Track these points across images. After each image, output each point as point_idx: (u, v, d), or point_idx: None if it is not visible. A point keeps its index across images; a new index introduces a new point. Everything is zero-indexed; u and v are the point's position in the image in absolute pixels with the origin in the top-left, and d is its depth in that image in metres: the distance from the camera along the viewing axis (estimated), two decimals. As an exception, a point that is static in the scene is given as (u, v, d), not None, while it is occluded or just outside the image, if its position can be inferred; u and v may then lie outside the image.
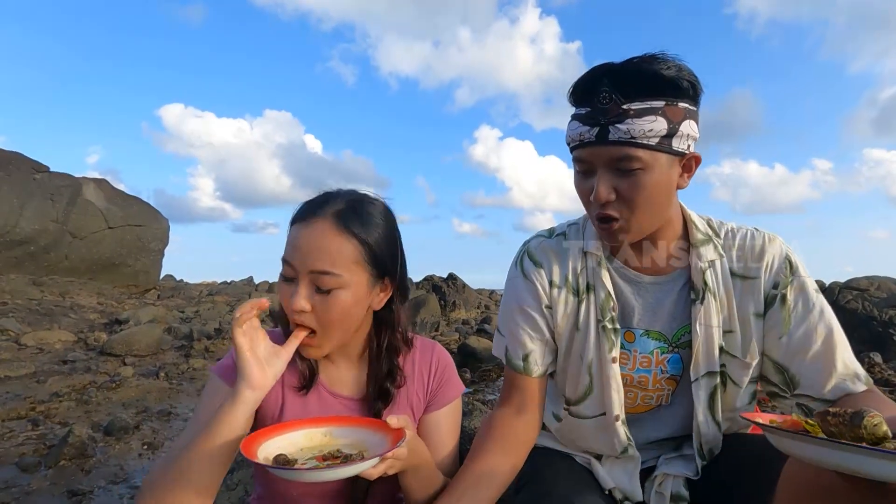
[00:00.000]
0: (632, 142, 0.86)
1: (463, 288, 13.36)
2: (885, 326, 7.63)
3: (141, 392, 4.02)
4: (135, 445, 3.06)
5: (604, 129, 0.87)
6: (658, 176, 0.88)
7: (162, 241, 12.25)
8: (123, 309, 8.48)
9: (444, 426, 1.00)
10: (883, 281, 8.32)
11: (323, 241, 0.83)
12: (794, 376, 0.94)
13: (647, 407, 1.06)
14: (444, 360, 1.03)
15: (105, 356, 5.10)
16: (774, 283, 0.96)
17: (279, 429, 0.81)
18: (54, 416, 3.45)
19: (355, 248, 0.85)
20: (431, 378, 1.01)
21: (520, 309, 1.05)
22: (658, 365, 1.02)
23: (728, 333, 0.98)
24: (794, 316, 0.94)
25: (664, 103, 0.86)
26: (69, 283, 9.82)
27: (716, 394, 0.98)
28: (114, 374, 4.41)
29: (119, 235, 11.08)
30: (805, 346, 0.92)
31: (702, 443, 1.00)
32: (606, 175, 0.89)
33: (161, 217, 12.46)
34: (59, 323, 6.86)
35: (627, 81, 0.86)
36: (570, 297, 1.03)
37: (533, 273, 1.05)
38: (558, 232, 1.09)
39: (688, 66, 0.89)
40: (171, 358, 5.34)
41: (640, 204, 0.89)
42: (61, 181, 10.59)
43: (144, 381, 4.30)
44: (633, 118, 0.85)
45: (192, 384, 4.41)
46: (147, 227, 11.76)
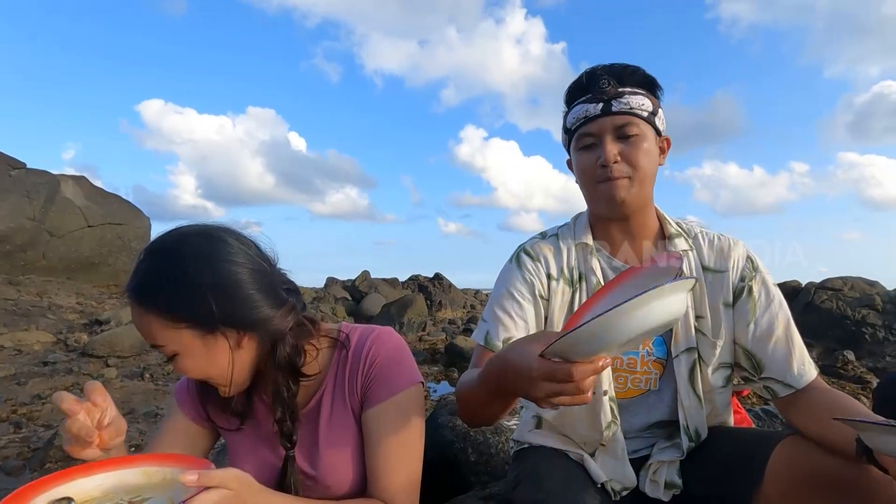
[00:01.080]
0: (631, 112, 1.07)
1: (449, 288, 13.40)
2: (858, 325, 7.89)
3: (126, 394, 3.97)
4: (122, 447, 3.03)
5: (607, 104, 1.07)
6: (650, 145, 1.08)
7: (143, 240, 12.03)
8: (104, 309, 8.31)
9: (382, 426, 0.87)
10: (856, 281, 8.61)
11: (140, 324, 0.78)
12: (760, 360, 1.04)
13: (637, 391, 1.13)
14: (381, 350, 0.90)
15: (87, 357, 5.01)
16: (741, 276, 1.09)
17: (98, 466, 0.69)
18: (37, 418, 3.39)
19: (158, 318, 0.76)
20: (370, 366, 0.89)
21: (509, 294, 1.12)
22: (644, 347, 1.12)
23: (700, 318, 1.09)
24: (759, 305, 1.06)
25: (646, 92, 1.10)
26: (47, 282, 9.59)
27: (695, 369, 1.08)
28: (97, 376, 4.35)
29: (99, 234, 10.84)
30: (769, 332, 1.04)
31: (687, 421, 1.07)
32: (611, 141, 1.07)
33: (142, 215, 12.24)
34: (36, 324, 6.70)
35: (622, 74, 1.09)
36: (566, 288, 1.13)
37: (530, 265, 1.14)
38: (551, 234, 1.20)
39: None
40: (155, 359, 5.27)
41: (642, 165, 1.07)
42: (38, 178, 10.33)
43: (129, 382, 4.24)
44: (629, 95, 1.07)
45: (177, 385, 4.38)
46: (128, 226, 11.54)
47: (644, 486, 1.07)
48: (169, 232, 0.82)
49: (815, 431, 0.93)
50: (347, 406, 0.90)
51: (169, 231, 0.82)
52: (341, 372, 0.91)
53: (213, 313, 0.77)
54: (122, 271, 11.22)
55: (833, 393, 0.98)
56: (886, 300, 8.16)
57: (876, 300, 8.14)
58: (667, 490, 1.05)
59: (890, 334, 7.65)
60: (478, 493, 1.39)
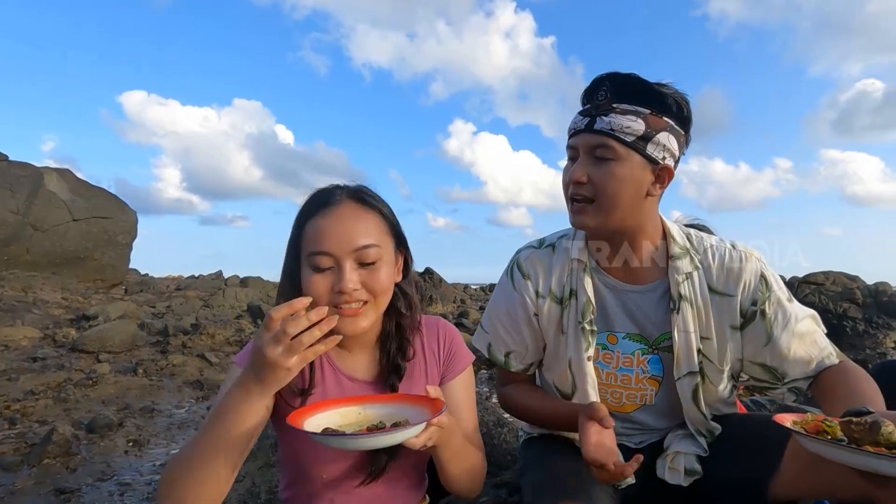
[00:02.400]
0: (610, 133, 0.99)
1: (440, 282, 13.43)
2: (840, 319, 8.10)
3: (120, 389, 3.95)
4: (120, 443, 3.02)
5: (592, 120, 1.01)
6: (628, 172, 0.99)
7: (129, 234, 11.85)
8: (90, 304, 8.20)
9: (461, 394, 1.04)
10: (837, 276, 8.83)
11: (355, 220, 0.89)
12: (783, 373, 1.05)
13: (633, 406, 1.16)
14: (450, 332, 1.07)
15: (77, 353, 4.95)
16: (753, 300, 1.05)
17: (316, 408, 0.84)
18: (31, 414, 3.36)
19: (380, 219, 0.93)
20: (441, 350, 1.04)
21: (507, 314, 1.17)
22: (639, 365, 1.12)
23: (705, 340, 1.08)
24: (776, 326, 1.04)
25: (649, 111, 0.99)
26: (31, 277, 9.42)
27: (698, 390, 1.09)
28: (89, 372, 4.30)
29: (84, 228, 10.67)
30: (789, 347, 1.04)
31: (697, 427, 1.11)
32: (585, 160, 1.02)
33: (128, 209, 12.05)
34: (22, 319, 6.59)
35: (623, 85, 1.00)
36: (553, 306, 1.13)
37: (521, 285, 1.15)
38: (548, 243, 1.18)
39: (686, 98, 1.03)
40: (148, 354, 5.23)
41: (608, 192, 1.00)
42: (21, 171, 10.12)
43: (122, 377, 4.21)
44: (617, 114, 0.98)
45: (172, 380, 4.35)
46: (114, 220, 11.36)
47: (663, 474, 1.09)
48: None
49: (822, 410, 0.98)
50: (426, 376, 1.03)
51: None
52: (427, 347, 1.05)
53: (402, 234, 0.97)
54: (108, 266, 11.05)
55: (849, 376, 0.99)
56: (866, 294, 8.38)
57: (857, 294, 8.35)
58: (687, 477, 1.07)
59: (870, 327, 7.87)
60: (489, 480, 1.43)
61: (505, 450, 1.83)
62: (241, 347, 5.98)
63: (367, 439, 0.72)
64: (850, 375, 0.99)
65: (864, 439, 0.68)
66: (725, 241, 1.12)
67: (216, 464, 0.77)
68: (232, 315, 8.40)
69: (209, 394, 4.16)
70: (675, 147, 1.02)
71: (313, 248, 0.88)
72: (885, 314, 8.01)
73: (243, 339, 6.01)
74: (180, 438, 3.20)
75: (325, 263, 0.87)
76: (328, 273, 0.88)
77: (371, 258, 0.89)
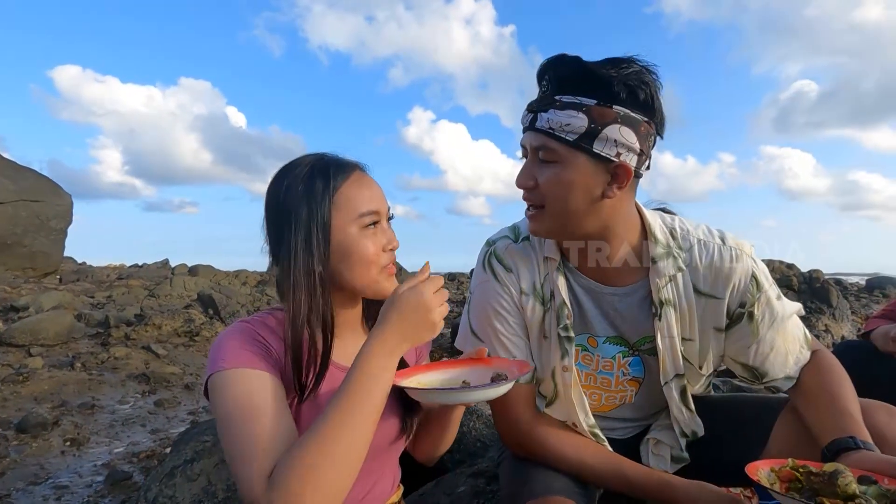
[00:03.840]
0: (551, 132, 0.88)
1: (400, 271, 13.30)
2: (778, 304, 8.66)
3: (55, 385, 3.65)
4: (55, 442, 2.79)
5: (535, 117, 0.91)
6: (575, 175, 0.88)
7: (64, 219, 11.01)
8: (20, 294, 7.57)
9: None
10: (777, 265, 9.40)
11: (376, 185, 0.93)
12: (763, 372, 1.02)
13: (611, 406, 1.13)
14: None
15: (5, 346, 4.54)
16: (741, 302, 0.98)
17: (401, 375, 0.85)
18: (-46, 413, 3.05)
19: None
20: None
21: (496, 313, 1.03)
22: (620, 368, 1.07)
23: (687, 341, 1.02)
24: (762, 327, 0.99)
25: (595, 102, 0.86)
26: (-50, 265, 8.61)
27: (686, 391, 1.05)
28: (19, 367, 3.96)
29: (11, 212, 9.81)
30: (772, 347, 1.00)
31: (682, 428, 1.08)
32: (531, 162, 0.94)
33: (62, 192, 11.18)
34: (-59, 310, 6.02)
35: (564, 74, 0.88)
36: (538, 306, 1.03)
37: (505, 277, 1.03)
38: (523, 236, 1.07)
39: (647, 76, 0.88)
40: (86, 347, 4.88)
41: (554, 198, 0.91)
42: (-64, 148, 9.17)
43: (58, 372, 3.90)
44: (557, 109, 0.87)
45: (115, 374, 4.07)
46: (46, 203, 10.51)
47: (647, 460, 1.07)
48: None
49: (803, 415, 0.97)
50: (412, 357, 1.04)
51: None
52: None
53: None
54: (40, 253, 10.23)
55: (825, 378, 0.97)
56: (802, 281, 8.96)
57: (794, 281, 8.91)
58: (674, 463, 1.06)
59: (808, 313, 8.44)
60: (466, 470, 1.39)
61: (475, 437, 1.80)
62: (192, 338, 5.66)
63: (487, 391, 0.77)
64: (825, 377, 0.98)
65: (824, 490, 0.72)
66: (714, 235, 1.02)
67: (363, 435, 0.73)
68: (180, 305, 7.98)
69: (156, 387, 3.92)
70: (633, 139, 0.88)
71: (363, 209, 0.87)
72: (818, 300, 8.60)
73: (193, 330, 5.71)
74: (125, 436, 2.99)
75: (374, 219, 0.88)
76: (377, 228, 0.89)
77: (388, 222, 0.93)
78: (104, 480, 2.39)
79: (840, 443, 0.84)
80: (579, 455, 0.99)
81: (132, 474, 2.45)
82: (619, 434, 1.16)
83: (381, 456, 0.92)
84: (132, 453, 2.72)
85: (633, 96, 0.87)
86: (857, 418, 0.89)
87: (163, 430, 3.11)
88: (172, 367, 4.42)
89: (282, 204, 0.86)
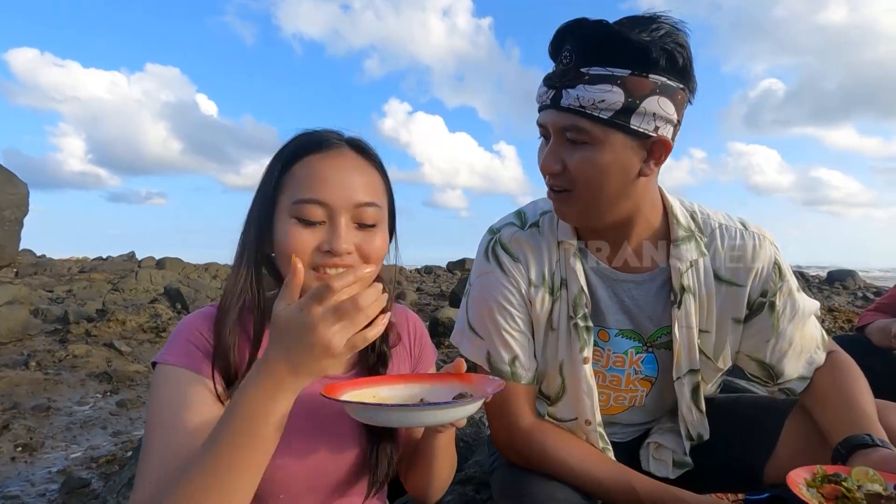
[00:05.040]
0: (581, 111, 0.79)
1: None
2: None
3: (7, 385, 3.41)
4: (5, 448, 2.59)
5: (558, 93, 0.81)
6: (610, 156, 0.81)
7: (20, 209, 10.40)
8: (-29, 289, 7.15)
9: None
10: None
11: (357, 170, 0.75)
12: (779, 371, 0.96)
13: (620, 408, 1.05)
14: (420, 325, 0.96)
15: (-48, 345, 4.26)
16: (763, 290, 0.93)
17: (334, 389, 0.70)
18: None
19: (381, 177, 0.79)
20: (413, 343, 0.94)
21: (501, 307, 0.94)
22: (632, 365, 1.00)
23: (703, 333, 0.96)
24: (783, 320, 0.94)
25: (629, 73, 0.77)
26: None
27: (698, 388, 0.99)
28: (-33, 366, 3.70)
29: (-39, 201, 9.25)
30: (790, 343, 0.95)
31: (689, 430, 1.02)
32: (557, 144, 0.84)
33: (18, 181, 10.55)
34: None
35: (591, 42, 0.78)
36: (547, 297, 0.95)
37: (512, 268, 0.95)
38: (531, 222, 0.99)
39: (681, 37, 0.80)
40: (43, 344, 4.61)
41: (586, 183, 0.83)
42: None
43: (10, 372, 3.65)
44: (586, 84, 0.78)
45: (73, 373, 3.84)
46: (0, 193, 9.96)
47: (647, 465, 1.02)
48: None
49: (815, 416, 0.93)
50: (398, 369, 0.90)
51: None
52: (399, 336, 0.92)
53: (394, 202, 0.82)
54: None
55: (839, 379, 0.93)
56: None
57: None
58: (675, 468, 1.01)
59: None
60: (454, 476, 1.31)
61: (457, 437, 1.72)
62: (158, 334, 5.42)
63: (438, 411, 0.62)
64: (840, 377, 0.93)
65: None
66: (734, 220, 0.98)
67: (237, 483, 0.60)
68: (146, 299, 7.68)
69: (119, 387, 3.72)
70: (671, 110, 0.80)
71: (303, 195, 0.71)
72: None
73: (160, 325, 5.47)
74: (83, 440, 2.81)
75: (315, 215, 0.71)
76: (317, 228, 0.72)
77: (370, 219, 0.74)
78: (59, 489, 2.22)
79: (855, 439, 0.80)
80: (584, 465, 0.91)
81: (90, 481, 2.28)
82: (619, 437, 1.09)
83: (348, 495, 0.81)
84: (91, 458, 2.54)
85: (672, 62, 0.78)
86: (873, 417, 0.85)
87: (125, 432, 2.93)
88: (137, 364, 4.20)
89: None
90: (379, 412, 0.63)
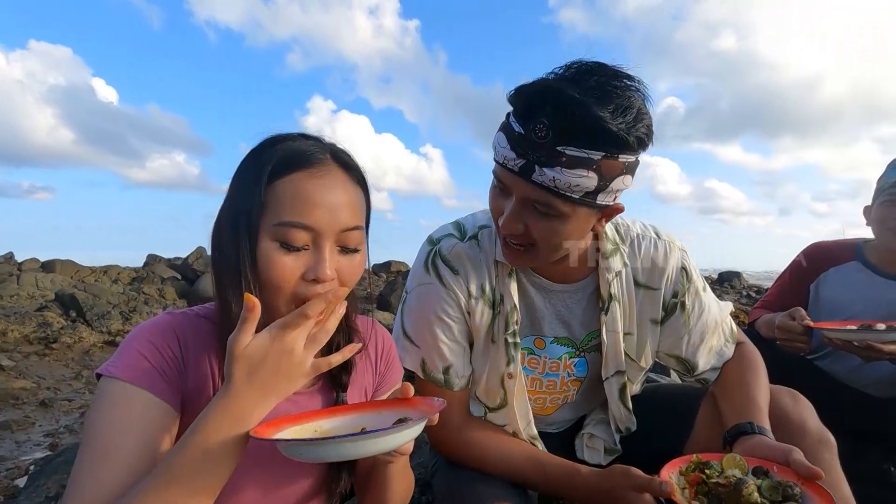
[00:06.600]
0: (556, 191, 0.81)
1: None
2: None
3: None
4: None
5: (530, 166, 0.81)
6: (573, 225, 0.86)
7: None
8: None
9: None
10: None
11: (345, 192, 0.72)
12: (694, 364, 1.08)
13: (554, 407, 1.14)
14: (388, 340, 0.93)
15: None
16: (674, 292, 1.04)
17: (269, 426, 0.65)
18: None
19: (363, 198, 0.77)
20: (379, 359, 0.91)
21: (438, 318, 0.98)
22: (566, 369, 1.08)
23: (627, 335, 1.06)
24: (692, 317, 1.05)
25: (602, 155, 0.79)
26: None
27: (625, 388, 1.08)
28: None
29: None
30: (701, 339, 1.07)
31: (618, 424, 1.11)
32: (521, 208, 0.86)
33: None
34: None
35: (570, 122, 0.77)
36: (487, 310, 1.00)
37: (452, 280, 0.98)
38: (470, 234, 1.02)
39: (648, 116, 0.83)
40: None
41: (547, 244, 0.89)
42: None
43: None
44: (563, 167, 0.79)
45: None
46: None
47: (581, 453, 1.10)
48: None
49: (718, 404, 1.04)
50: (362, 386, 0.87)
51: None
52: (363, 352, 0.88)
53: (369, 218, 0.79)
54: None
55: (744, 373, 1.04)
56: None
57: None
58: (607, 455, 1.09)
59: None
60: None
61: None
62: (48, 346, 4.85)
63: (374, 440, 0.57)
64: (741, 370, 1.06)
65: (729, 499, 0.75)
66: (649, 229, 1.08)
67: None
68: (31, 306, 6.83)
69: (1, 407, 3.28)
70: (630, 181, 0.86)
71: (287, 217, 0.67)
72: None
73: (50, 336, 4.89)
74: (-45, 469, 2.44)
75: (299, 240, 0.68)
76: (300, 254, 0.68)
77: (353, 243, 0.73)
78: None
79: (739, 427, 0.91)
80: (500, 451, 0.99)
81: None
82: (555, 429, 1.18)
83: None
84: (-33, 491, 2.22)
85: (641, 145, 0.84)
86: (761, 406, 0.96)
87: (10, 457, 2.59)
88: (23, 380, 3.73)
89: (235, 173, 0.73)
90: (311, 447, 0.57)
